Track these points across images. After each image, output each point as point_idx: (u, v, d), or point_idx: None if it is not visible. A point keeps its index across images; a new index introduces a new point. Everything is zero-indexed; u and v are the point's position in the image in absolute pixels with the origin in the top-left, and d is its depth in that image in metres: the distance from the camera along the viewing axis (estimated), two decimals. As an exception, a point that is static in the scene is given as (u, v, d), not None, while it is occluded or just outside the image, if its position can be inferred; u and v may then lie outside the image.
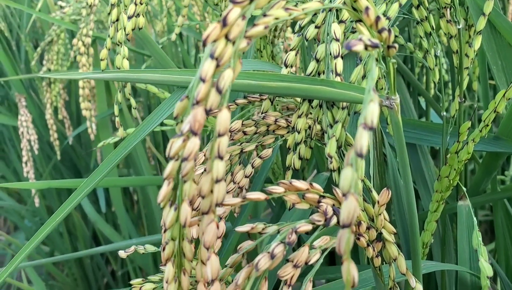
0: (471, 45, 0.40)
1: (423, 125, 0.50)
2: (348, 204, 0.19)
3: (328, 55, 0.31)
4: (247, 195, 0.26)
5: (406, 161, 0.28)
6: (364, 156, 0.24)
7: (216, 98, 0.21)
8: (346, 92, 0.29)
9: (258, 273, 0.25)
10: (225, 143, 0.22)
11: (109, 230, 1.20)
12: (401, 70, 0.57)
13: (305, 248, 0.27)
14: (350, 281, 0.20)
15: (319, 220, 0.27)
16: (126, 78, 0.41)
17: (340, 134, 0.30)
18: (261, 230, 0.29)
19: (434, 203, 0.40)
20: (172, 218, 0.24)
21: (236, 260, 0.29)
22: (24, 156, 1.14)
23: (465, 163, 0.37)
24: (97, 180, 0.40)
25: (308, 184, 0.28)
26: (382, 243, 0.32)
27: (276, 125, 0.38)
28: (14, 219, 1.62)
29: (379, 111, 0.20)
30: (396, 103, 0.27)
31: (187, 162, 0.22)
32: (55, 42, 0.89)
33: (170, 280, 0.24)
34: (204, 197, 0.23)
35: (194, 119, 0.21)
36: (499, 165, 0.48)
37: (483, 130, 0.36)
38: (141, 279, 0.38)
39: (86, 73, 0.42)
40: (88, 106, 0.77)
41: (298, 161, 0.34)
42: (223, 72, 0.21)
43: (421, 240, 0.42)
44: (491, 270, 0.32)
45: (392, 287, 0.34)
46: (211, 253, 0.23)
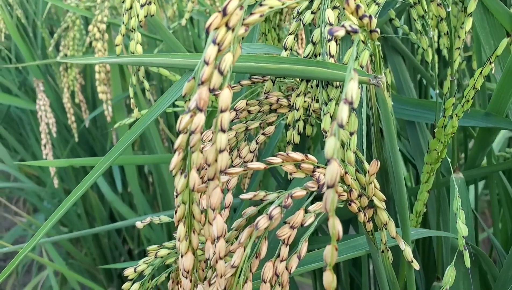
0: (462, 26, 0.43)
1: (420, 103, 0.52)
2: (331, 168, 0.22)
3: (323, 39, 0.34)
4: (248, 165, 0.29)
5: (392, 132, 0.31)
6: (348, 126, 0.28)
7: (219, 79, 0.24)
8: (338, 72, 0.32)
9: (258, 232, 0.29)
10: (227, 118, 0.25)
11: (125, 209, 1.24)
12: (401, 52, 0.59)
13: (300, 211, 0.30)
14: (335, 234, 0.23)
15: (312, 187, 0.30)
16: (139, 62, 0.45)
17: (334, 111, 0.33)
18: (262, 197, 0.32)
19: (425, 174, 0.43)
20: (182, 184, 0.27)
21: (240, 224, 0.33)
22: (43, 139, 1.18)
23: (451, 137, 0.40)
24: (114, 157, 0.44)
25: (304, 156, 0.31)
26: (373, 209, 0.35)
27: (278, 104, 0.41)
28: (33, 200, 1.68)
29: (360, 88, 0.23)
30: (382, 82, 0.30)
31: (194, 134, 0.25)
32: (70, 28, 0.92)
33: (182, 238, 0.28)
34: (209, 165, 0.26)
35: (199, 97, 0.25)
36: (493, 141, 0.51)
37: (465, 105, 0.38)
38: (157, 246, 0.42)
39: (103, 58, 0.45)
40: (105, 90, 0.81)
41: (297, 136, 0.37)
42: (224, 55, 0.24)
43: (414, 209, 0.45)
44: (466, 231, 0.35)
45: (383, 250, 0.37)
46: (216, 213, 0.27)
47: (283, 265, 0.30)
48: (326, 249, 0.24)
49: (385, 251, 0.37)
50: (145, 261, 0.42)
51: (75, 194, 0.45)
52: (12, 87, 1.33)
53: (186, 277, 0.29)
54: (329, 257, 0.24)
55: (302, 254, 0.30)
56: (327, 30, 0.22)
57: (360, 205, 0.34)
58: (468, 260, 0.35)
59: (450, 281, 0.34)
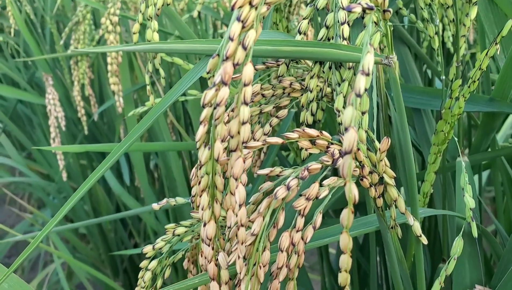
0: (467, 15, 0.45)
1: (426, 91, 0.54)
2: (349, 135, 0.24)
3: (336, 23, 0.36)
4: (267, 139, 0.31)
5: (402, 109, 0.33)
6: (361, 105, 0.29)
7: (242, 54, 0.26)
8: (351, 53, 0.33)
9: (276, 203, 0.31)
10: (250, 92, 0.27)
11: (132, 202, 1.26)
12: (407, 42, 0.61)
13: (316, 184, 0.32)
14: (351, 198, 0.25)
15: (327, 161, 0.32)
16: (157, 48, 0.46)
17: (347, 91, 0.35)
18: (278, 173, 0.34)
19: (432, 155, 0.44)
20: (206, 155, 0.29)
21: (257, 198, 0.34)
22: (52, 132, 1.20)
23: (458, 119, 0.42)
24: (131, 142, 0.44)
25: (319, 132, 0.33)
26: (383, 186, 0.37)
27: (291, 88, 0.43)
28: (40, 194, 1.70)
29: (374, 64, 0.24)
30: (394, 61, 0.32)
31: (219, 107, 0.27)
32: (81, 22, 0.94)
33: (205, 207, 0.30)
34: (232, 137, 0.28)
35: (224, 71, 0.26)
36: (497, 126, 0.52)
37: (471, 86, 0.40)
38: (174, 224, 0.43)
39: (121, 46, 0.47)
40: (116, 81, 0.82)
41: (311, 117, 0.39)
42: (248, 32, 0.26)
43: (422, 190, 0.46)
44: (473, 203, 0.37)
45: (393, 226, 0.39)
46: (238, 183, 0.28)
47: (299, 235, 0.32)
48: (343, 212, 0.26)
49: (395, 227, 0.38)
50: (163, 239, 0.43)
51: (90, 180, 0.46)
52: (21, 81, 1.35)
53: (208, 244, 0.30)
54: (345, 220, 0.25)
55: (317, 225, 0.32)
56: (346, 7, 0.24)
57: (371, 181, 0.36)
58: (475, 230, 0.36)
59: (458, 251, 0.35)
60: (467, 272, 0.46)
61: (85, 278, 1.37)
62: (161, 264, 0.44)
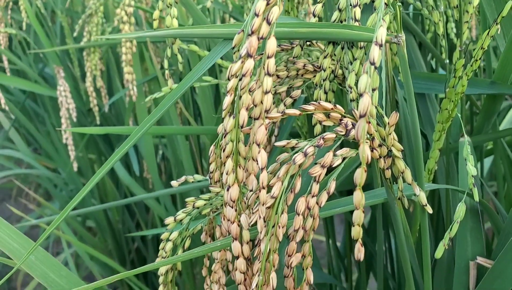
0: (470, 2, 0.47)
1: (430, 76, 0.57)
2: (364, 100, 0.27)
3: (349, 6, 0.38)
4: (286, 111, 0.34)
5: (410, 83, 0.36)
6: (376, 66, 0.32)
7: (267, 28, 0.29)
8: (363, 33, 0.36)
9: (295, 169, 0.33)
10: (273, 63, 0.29)
11: (141, 192, 1.29)
12: (412, 31, 0.64)
13: (330, 153, 0.34)
14: (365, 158, 0.28)
15: (341, 131, 0.34)
16: (177, 34, 0.49)
17: (359, 69, 0.38)
18: (294, 145, 0.37)
19: (437, 133, 0.47)
20: (231, 124, 0.32)
21: (275, 168, 0.37)
22: (63, 123, 1.23)
23: (461, 96, 0.44)
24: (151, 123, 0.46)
25: (333, 105, 0.36)
26: (391, 159, 0.40)
27: (305, 70, 0.45)
28: (48, 187, 1.73)
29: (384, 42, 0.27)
30: (402, 40, 0.34)
31: (245, 77, 0.30)
32: (94, 14, 0.97)
33: (229, 172, 0.32)
34: (256, 106, 0.31)
35: (250, 45, 0.29)
36: (498, 109, 0.55)
37: (474, 64, 0.43)
38: (194, 197, 0.46)
39: (141, 32, 0.50)
40: (131, 70, 0.85)
41: (324, 94, 0.42)
42: (271, 8, 0.29)
43: (427, 167, 0.49)
44: (475, 171, 0.39)
45: (400, 197, 0.42)
46: (261, 148, 0.31)
47: (314, 200, 0.35)
48: (357, 172, 0.29)
49: (402, 197, 0.41)
50: (183, 211, 0.46)
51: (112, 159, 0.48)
52: (32, 74, 1.38)
53: (232, 206, 0.33)
54: (359, 178, 0.28)
55: (331, 191, 0.35)
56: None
57: (380, 153, 0.38)
58: (476, 195, 0.39)
59: (461, 215, 0.38)
60: (469, 245, 0.49)
61: (94, 269, 1.39)
62: (181, 235, 0.46)
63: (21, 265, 0.48)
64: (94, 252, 1.14)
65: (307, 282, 0.35)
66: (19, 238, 0.49)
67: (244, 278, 0.35)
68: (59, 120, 1.38)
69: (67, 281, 0.50)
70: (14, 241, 0.49)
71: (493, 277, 0.45)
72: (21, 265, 0.48)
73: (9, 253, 0.48)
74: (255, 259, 0.35)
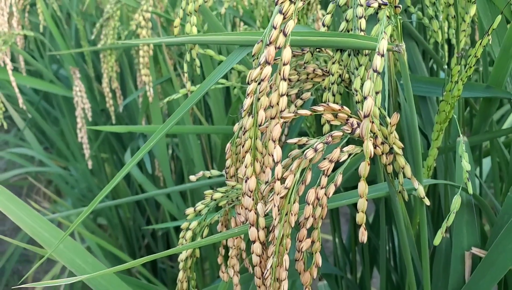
0: (467, 12, 0.51)
1: (431, 81, 0.61)
2: (368, 102, 0.31)
3: (355, 17, 0.43)
4: (298, 111, 0.38)
5: (409, 86, 0.40)
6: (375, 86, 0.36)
7: (283, 39, 0.33)
8: (368, 42, 0.40)
9: (306, 163, 0.38)
10: (288, 69, 0.34)
11: (153, 190, 1.33)
12: (415, 37, 0.68)
13: (337, 149, 0.39)
14: (368, 153, 0.32)
15: (347, 130, 0.39)
16: (196, 40, 0.53)
17: (363, 74, 0.42)
18: (305, 142, 0.41)
19: (435, 132, 0.51)
20: (250, 122, 0.36)
21: (287, 163, 0.41)
22: (79, 123, 1.28)
23: (457, 99, 0.48)
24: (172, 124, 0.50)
25: (340, 106, 0.40)
26: (393, 156, 0.44)
27: (314, 74, 0.50)
28: (61, 184, 1.78)
29: (386, 50, 0.31)
30: (403, 48, 0.38)
31: (263, 82, 0.34)
32: (111, 18, 1.02)
33: (248, 165, 0.37)
34: (272, 107, 0.35)
35: (268, 53, 0.33)
36: (493, 112, 0.59)
37: (468, 70, 0.47)
38: (211, 190, 0.50)
39: (161, 38, 0.54)
40: (147, 73, 0.89)
41: (332, 97, 0.46)
42: (287, 22, 0.33)
43: (426, 164, 0.53)
44: (469, 166, 0.43)
45: (401, 191, 0.46)
46: (276, 144, 0.35)
47: (323, 191, 0.39)
48: (361, 165, 0.33)
49: (402, 191, 0.45)
50: (202, 202, 0.50)
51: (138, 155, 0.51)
52: (48, 74, 1.43)
53: (249, 196, 0.37)
54: (363, 170, 0.32)
55: (338, 183, 0.39)
56: (366, 2, 0.31)
57: (383, 150, 0.42)
58: (470, 188, 0.43)
59: (457, 206, 0.42)
60: (465, 237, 0.53)
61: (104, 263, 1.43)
62: (200, 225, 0.51)
63: (47, 250, 0.53)
64: (106, 245, 1.18)
65: (315, 265, 0.40)
66: (50, 228, 0.54)
67: (259, 261, 0.39)
68: (73, 119, 1.42)
69: (92, 267, 0.55)
70: (45, 231, 0.54)
71: (487, 266, 0.49)
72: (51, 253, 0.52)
73: (41, 241, 0.53)
74: (269, 244, 0.39)
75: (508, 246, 0.47)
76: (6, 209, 0.54)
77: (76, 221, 0.48)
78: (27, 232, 0.54)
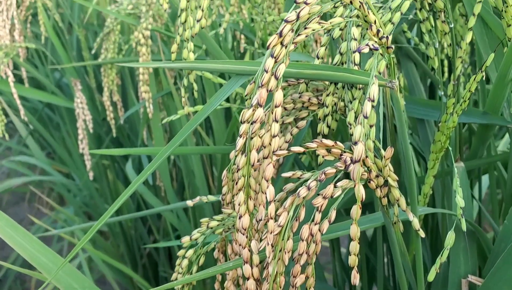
0: (463, 39, 0.51)
1: (429, 103, 0.61)
2: (358, 148, 0.31)
3: (349, 50, 0.43)
4: (291, 148, 0.38)
5: (403, 124, 0.40)
6: (370, 123, 0.36)
7: (274, 82, 0.33)
8: (361, 77, 0.40)
9: (299, 200, 0.38)
10: (280, 112, 0.34)
11: (154, 200, 1.33)
12: (413, 58, 0.68)
13: (331, 185, 0.39)
14: (360, 197, 0.32)
15: (340, 166, 0.39)
16: (193, 67, 0.54)
17: (357, 108, 0.42)
18: (299, 176, 0.41)
19: (431, 161, 0.51)
20: (243, 161, 0.36)
21: (282, 196, 0.41)
22: (80, 134, 1.28)
23: (453, 130, 0.48)
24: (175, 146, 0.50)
25: (334, 142, 0.40)
26: (388, 188, 0.44)
27: (309, 103, 0.50)
28: (63, 193, 1.78)
29: (379, 90, 0.31)
30: (396, 85, 0.38)
31: (255, 124, 0.34)
32: (111, 32, 1.02)
33: (242, 203, 0.37)
34: (265, 147, 0.35)
35: (260, 96, 0.33)
36: (491, 136, 0.59)
37: (463, 104, 0.47)
38: (208, 218, 0.50)
39: (159, 62, 0.54)
40: (147, 90, 0.90)
41: (326, 128, 0.46)
42: (278, 65, 0.33)
43: (422, 191, 0.53)
44: (463, 203, 0.43)
45: (396, 222, 0.46)
46: (269, 183, 0.35)
47: (317, 227, 0.39)
48: (353, 208, 0.33)
49: (397, 222, 0.45)
50: (198, 231, 0.50)
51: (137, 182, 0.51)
52: (49, 85, 1.43)
53: (243, 233, 0.37)
54: (354, 214, 0.32)
55: (332, 219, 0.39)
56: (356, 48, 0.31)
57: (377, 183, 0.42)
58: (464, 225, 0.43)
59: (450, 242, 0.42)
60: (461, 264, 0.53)
61: (107, 273, 1.44)
62: (196, 253, 0.51)
63: (46, 276, 0.53)
64: (107, 259, 1.18)
65: (310, 300, 0.40)
66: (47, 253, 0.54)
67: (254, 297, 0.39)
68: (74, 127, 1.43)
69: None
70: (43, 255, 0.54)
71: (483, 294, 0.49)
72: (45, 276, 0.53)
73: (39, 267, 0.53)
74: (264, 280, 0.39)
75: (505, 276, 0.47)
76: (4, 234, 0.54)
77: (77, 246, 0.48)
78: (25, 257, 0.54)
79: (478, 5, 0.51)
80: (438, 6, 0.47)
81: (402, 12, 0.42)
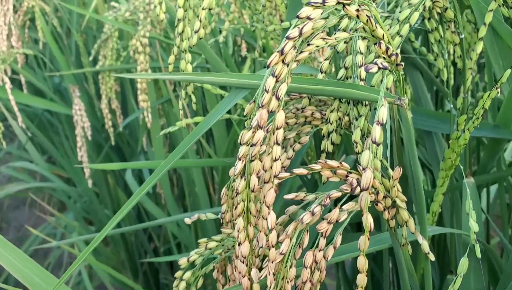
0: (473, 49, 0.49)
1: (436, 115, 0.59)
2: (366, 175, 0.29)
3: (355, 64, 0.40)
4: (294, 171, 0.36)
5: (413, 143, 0.38)
6: (378, 144, 0.34)
7: (275, 103, 0.31)
8: (368, 94, 0.38)
9: (302, 226, 0.35)
10: (281, 134, 0.32)
11: (154, 209, 1.31)
12: (419, 68, 0.65)
13: (336, 209, 0.36)
14: (368, 227, 0.30)
15: (346, 189, 0.36)
16: (192, 79, 0.51)
17: (363, 125, 0.40)
18: (303, 197, 0.39)
19: (441, 179, 0.49)
20: (242, 185, 0.34)
21: (284, 219, 0.39)
22: (78, 141, 1.26)
23: (464, 147, 0.46)
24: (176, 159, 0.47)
25: (339, 163, 0.37)
26: (396, 209, 0.41)
27: (312, 117, 0.47)
28: (63, 198, 1.76)
29: (387, 111, 0.29)
30: (405, 102, 0.36)
31: (255, 147, 0.32)
32: (109, 38, 1.00)
33: (241, 230, 0.34)
34: (266, 171, 0.33)
35: (260, 117, 0.31)
36: (501, 149, 0.56)
37: (475, 121, 0.45)
38: (206, 239, 0.48)
39: (157, 74, 0.52)
40: (145, 98, 0.88)
41: (331, 146, 0.44)
42: (280, 85, 0.31)
43: (431, 209, 0.51)
44: (477, 227, 0.41)
45: (404, 244, 0.43)
46: (270, 209, 0.33)
47: (321, 254, 0.37)
48: (360, 239, 0.31)
49: (406, 244, 0.43)
50: (196, 252, 0.48)
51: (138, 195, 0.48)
52: (47, 91, 1.41)
53: (243, 261, 0.35)
54: (362, 245, 0.30)
55: (337, 245, 0.37)
56: (364, 68, 0.29)
57: (385, 205, 0.40)
58: (478, 251, 0.41)
59: (464, 269, 0.40)
60: (471, 283, 0.51)
61: (106, 281, 1.42)
62: (194, 275, 0.49)
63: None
64: (107, 269, 1.16)
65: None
66: (41, 273, 0.52)
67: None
68: (73, 133, 1.41)
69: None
70: (36, 275, 0.52)
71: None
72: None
73: (32, 288, 0.51)
74: (265, 308, 0.37)
75: (517, 298, 0.45)
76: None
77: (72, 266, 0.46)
78: (17, 277, 0.52)
79: (489, 14, 0.48)
80: (448, 16, 0.45)
81: (411, 24, 0.40)
